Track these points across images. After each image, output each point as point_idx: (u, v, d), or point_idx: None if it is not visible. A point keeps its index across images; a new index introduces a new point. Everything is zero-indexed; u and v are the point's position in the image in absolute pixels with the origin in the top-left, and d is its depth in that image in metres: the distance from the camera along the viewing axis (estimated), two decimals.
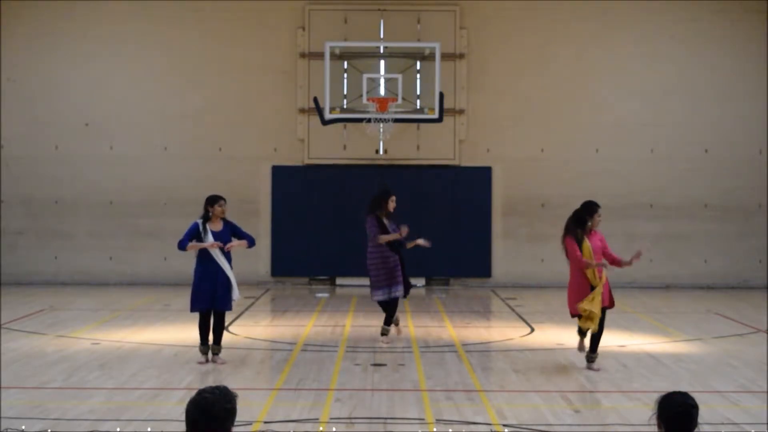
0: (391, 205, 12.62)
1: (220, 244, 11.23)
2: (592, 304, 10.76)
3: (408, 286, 12.76)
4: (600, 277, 10.86)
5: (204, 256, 11.29)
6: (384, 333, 12.87)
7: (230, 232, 11.46)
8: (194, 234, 11.31)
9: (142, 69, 21.12)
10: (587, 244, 10.88)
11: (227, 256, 11.36)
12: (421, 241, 12.84)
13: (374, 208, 12.56)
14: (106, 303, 17.56)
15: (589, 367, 11.19)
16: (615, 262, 11.13)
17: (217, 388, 3.92)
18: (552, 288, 19.52)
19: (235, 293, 11.44)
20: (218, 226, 11.37)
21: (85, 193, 21.05)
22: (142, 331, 14.05)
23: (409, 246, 12.83)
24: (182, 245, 11.31)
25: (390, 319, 12.80)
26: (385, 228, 12.51)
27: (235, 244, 11.44)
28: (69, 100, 21.03)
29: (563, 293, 11.89)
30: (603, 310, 10.98)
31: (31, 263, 20.94)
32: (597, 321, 10.84)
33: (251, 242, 11.58)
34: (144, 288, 20.14)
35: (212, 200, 11.42)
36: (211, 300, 11.29)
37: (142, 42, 21.09)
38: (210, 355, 11.50)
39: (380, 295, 12.54)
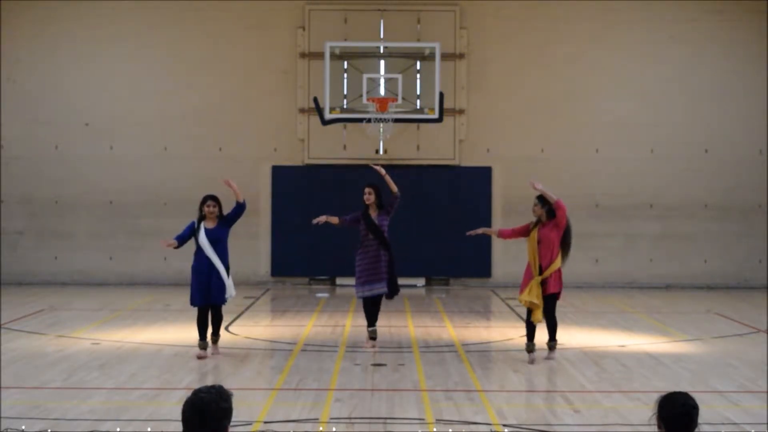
0: (365, 197, 12.27)
1: (172, 243, 11.61)
2: (530, 295, 11.36)
3: (394, 287, 12.21)
4: (543, 267, 11.32)
5: (197, 252, 11.72)
6: (371, 336, 12.49)
7: (225, 226, 11.80)
8: (188, 232, 11.76)
9: (142, 69, 21.12)
10: (533, 234, 11.46)
11: (221, 252, 11.64)
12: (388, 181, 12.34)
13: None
14: (106, 303, 17.56)
15: (549, 357, 11.56)
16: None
17: (213, 387, 3.93)
18: None
19: (229, 290, 11.64)
20: (212, 224, 11.75)
21: (85, 193, 21.05)
22: (142, 331, 14.04)
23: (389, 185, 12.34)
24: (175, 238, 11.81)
25: (372, 320, 12.42)
26: (369, 220, 12.23)
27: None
28: (69, 100, 21.03)
29: (563, 292, 11.98)
30: (550, 297, 11.40)
31: (31, 263, 20.94)
32: (539, 311, 11.36)
33: (239, 207, 11.74)
34: (144, 288, 20.15)
35: (202, 201, 11.88)
36: (205, 295, 11.62)
37: (142, 42, 21.09)
38: (210, 347, 11.81)
39: (357, 292, 12.33)
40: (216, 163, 20.83)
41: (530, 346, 11.58)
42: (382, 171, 12.49)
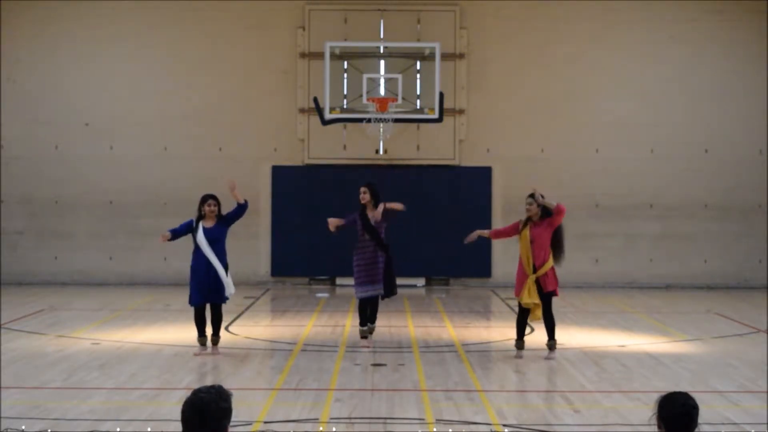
0: (361, 197, 12.32)
1: (166, 235, 11.73)
2: (530, 296, 11.48)
3: (391, 288, 12.20)
4: (536, 266, 11.53)
5: (195, 251, 11.76)
6: (363, 336, 12.48)
7: (223, 225, 11.85)
8: (184, 228, 11.84)
9: (142, 69, 21.12)
10: (525, 233, 11.70)
11: (219, 252, 11.68)
12: (391, 206, 12.28)
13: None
14: (106, 303, 17.56)
15: (549, 357, 11.67)
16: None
17: (213, 387, 3.92)
18: None
19: (228, 288, 11.66)
20: (211, 223, 11.80)
21: (85, 193, 21.05)
22: (142, 331, 14.04)
23: (391, 207, 12.27)
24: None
25: (365, 320, 12.42)
26: (366, 220, 12.23)
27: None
28: (69, 100, 21.03)
29: (562, 292, 12.03)
30: (547, 296, 11.57)
31: (31, 263, 20.94)
32: (539, 309, 11.51)
33: (240, 207, 11.84)
34: (144, 288, 20.15)
35: (202, 200, 11.93)
36: (204, 294, 11.70)
37: (142, 42, 21.09)
38: (209, 345, 11.89)
39: (356, 293, 12.34)
40: (216, 163, 20.83)
41: (519, 344, 11.83)
42: (383, 207, 12.25)
